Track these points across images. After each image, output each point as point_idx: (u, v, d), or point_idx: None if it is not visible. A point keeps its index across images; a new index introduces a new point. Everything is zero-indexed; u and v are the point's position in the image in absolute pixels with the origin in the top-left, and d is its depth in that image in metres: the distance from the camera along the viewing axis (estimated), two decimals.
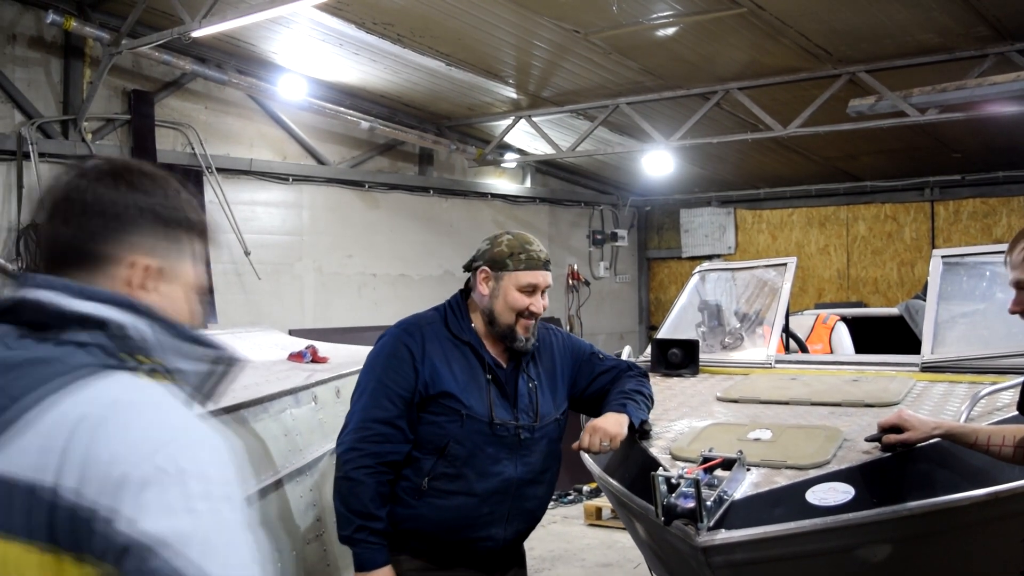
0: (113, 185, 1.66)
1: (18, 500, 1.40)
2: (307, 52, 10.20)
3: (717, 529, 3.05)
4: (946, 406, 4.18)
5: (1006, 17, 8.13)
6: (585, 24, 8.79)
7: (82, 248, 1.64)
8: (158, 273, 1.68)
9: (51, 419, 1.44)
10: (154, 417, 1.47)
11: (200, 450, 1.45)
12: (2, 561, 1.39)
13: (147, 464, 1.39)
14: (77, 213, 1.64)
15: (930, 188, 14.07)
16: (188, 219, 1.73)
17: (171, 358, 1.61)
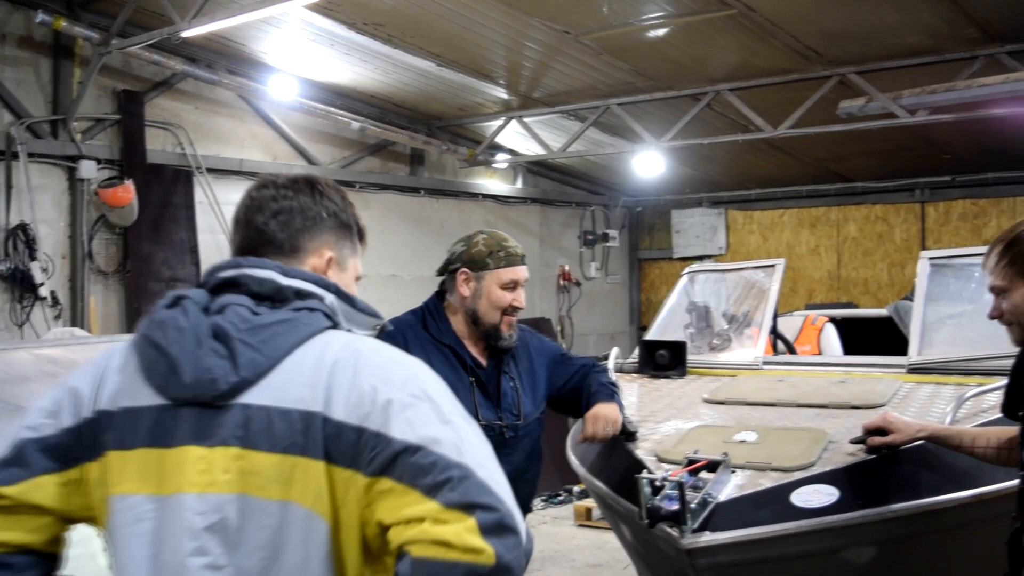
0: (311, 195, 2.15)
1: (291, 424, 1.84)
2: (298, 52, 10.19)
3: (702, 531, 3.05)
4: (932, 408, 4.20)
5: (995, 19, 8.15)
6: (576, 25, 8.79)
7: (288, 241, 2.10)
8: (336, 262, 2.16)
9: (302, 363, 1.89)
10: (392, 359, 1.94)
11: (433, 381, 1.92)
12: (282, 472, 1.84)
13: (403, 392, 1.84)
14: (285, 214, 2.10)
15: (920, 189, 14.09)
16: (356, 223, 2.26)
17: (346, 323, 2.04)
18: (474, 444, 1.85)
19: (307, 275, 2.05)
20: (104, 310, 9.94)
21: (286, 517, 1.84)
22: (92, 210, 9.75)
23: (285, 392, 1.87)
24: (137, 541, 1.87)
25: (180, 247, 10.31)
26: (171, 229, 10.25)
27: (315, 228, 2.13)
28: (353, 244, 2.24)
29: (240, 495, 1.84)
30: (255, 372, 1.88)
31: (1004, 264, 2.94)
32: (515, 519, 1.76)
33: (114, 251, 10.01)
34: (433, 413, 1.84)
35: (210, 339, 1.91)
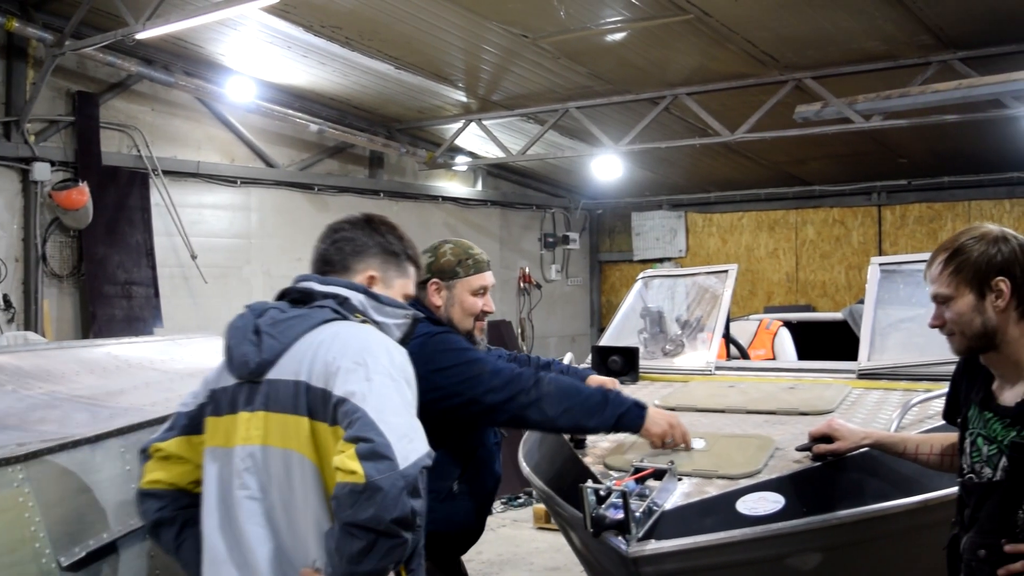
0: (363, 230, 2.93)
1: (290, 391, 2.57)
2: (255, 54, 10.14)
3: (647, 540, 3.05)
4: (879, 414, 4.22)
5: (948, 26, 8.23)
6: (533, 29, 8.80)
7: (340, 262, 2.88)
8: (380, 280, 2.91)
9: (304, 345, 2.61)
10: (353, 338, 2.61)
11: (376, 353, 2.55)
12: (282, 426, 2.57)
13: (347, 360, 2.51)
14: (340, 242, 2.89)
15: (877, 193, 14.22)
16: (402, 252, 2.98)
17: (376, 316, 2.78)
18: (382, 395, 2.46)
19: (340, 282, 2.81)
20: (59, 314, 9.85)
21: (288, 462, 2.57)
22: (46, 213, 9.68)
23: (288, 368, 2.60)
24: (210, 480, 2.69)
25: (136, 250, 10.23)
26: (127, 232, 10.17)
27: (362, 254, 2.89)
28: (400, 268, 2.97)
29: (263, 446, 2.60)
30: (273, 354, 2.62)
31: (949, 272, 2.95)
32: (391, 449, 2.34)
33: (68, 254, 9.93)
34: (362, 374, 2.49)
35: (251, 334, 2.67)
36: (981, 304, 2.90)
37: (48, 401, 3.99)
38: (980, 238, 2.93)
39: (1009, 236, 2.93)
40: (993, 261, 2.88)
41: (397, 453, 2.33)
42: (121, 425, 3.56)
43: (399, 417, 2.44)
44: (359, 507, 2.29)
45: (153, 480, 2.81)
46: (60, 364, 4.84)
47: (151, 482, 2.81)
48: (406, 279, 2.98)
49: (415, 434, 2.45)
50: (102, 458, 3.37)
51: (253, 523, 2.59)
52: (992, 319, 2.89)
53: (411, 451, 2.38)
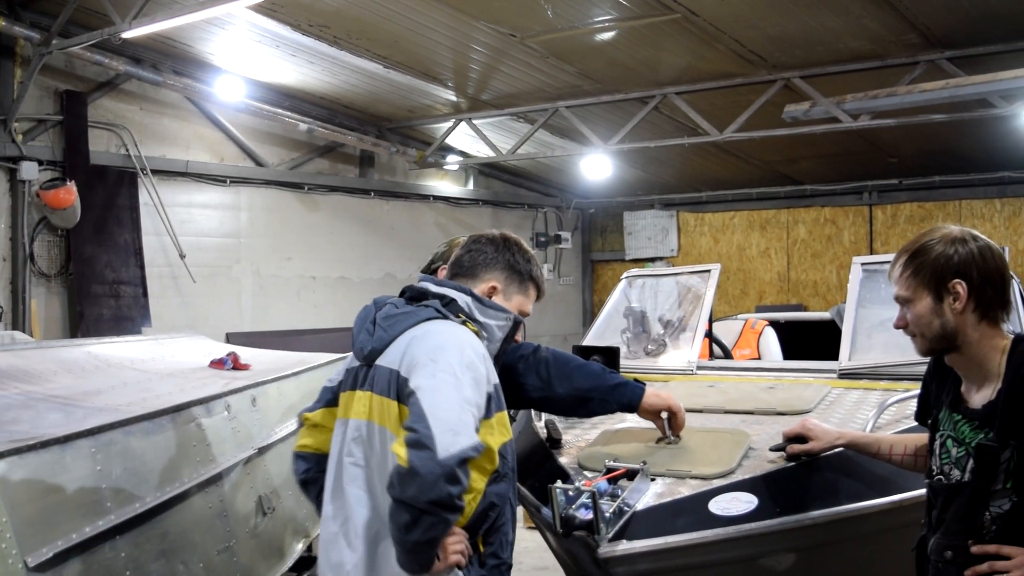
0: (495, 245, 3.27)
1: (387, 377, 2.94)
2: (244, 53, 10.12)
3: (618, 540, 3.04)
4: (857, 414, 4.21)
5: (935, 25, 8.22)
6: (521, 28, 8.79)
7: (470, 268, 3.24)
8: (500, 292, 3.23)
9: (405, 339, 2.97)
10: (437, 335, 2.94)
11: (449, 351, 2.87)
12: (379, 405, 2.96)
13: (423, 356, 2.86)
14: (474, 253, 3.26)
15: (868, 192, 14.23)
16: (527, 272, 3.28)
17: (479, 316, 3.11)
18: (439, 391, 2.78)
19: (451, 284, 3.17)
20: (46, 313, 9.83)
21: (384, 437, 2.93)
22: (34, 212, 9.65)
23: (391, 357, 2.96)
24: (333, 447, 3.10)
25: (124, 249, 10.21)
26: (115, 231, 10.15)
27: (490, 266, 3.23)
28: (522, 287, 3.28)
29: (367, 421, 2.99)
30: (382, 344, 3.01)
31: (908, 275, 2.94)
32: (433, 440, 2.64)
33: (56, 253, 9.91)
34: (430, 370, 2.82)
35: (368, 324, 3.08)
36: (939, 306, 2.89)
37: (23, 401, 3.99)
38: (940, 239, 2.92)
39: (968, 237, 2.92)
40: (950, 263, 2.87)
41: (438, 444, 2.62)
42: (92, 425, 3.55)
43: (450, 412, 2.73)
44: (403, 487, 2.64)
45: (303, 445, 3.27)
46: (39, 364, 4.83)
47: (301, 447, 3.27)
48: (524, 297, 3.29)
49: (462, 428, 2.72)
50: (72, 458, 3.36)
51: (355, 487, 3.00)
52: (950, 321, 2.88)
53: (453, 443, 2.64)
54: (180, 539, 3.80)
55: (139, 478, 3.66)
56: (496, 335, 3.14)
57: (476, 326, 3.08)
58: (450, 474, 2.63)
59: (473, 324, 3.08)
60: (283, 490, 4.78)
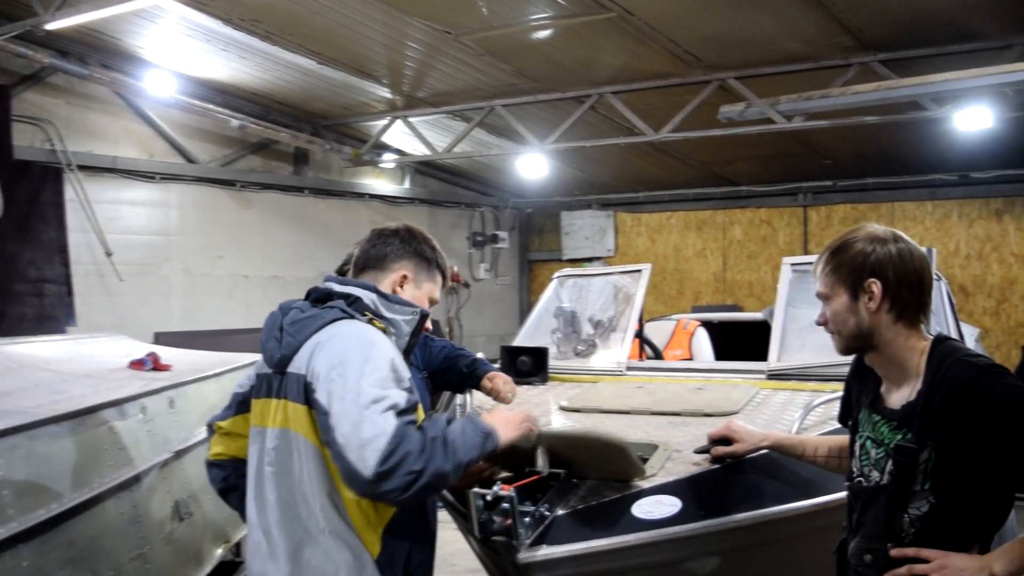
0: (399, 237, 3.26)
1: (296, 383, 2.93)
2: (175, 47, 9.92)
3: (538, 545, 2.97)
4: (784, 415, 4.19)
5: (868, 28, 8.26)
6: (456, 25, 8.70)
7: (380, 261, 3.23)
8: (411, 280, 3.25)
9: (311, 344, 2.94)
10: (341, 342, 2.90)
11: (352, 361, 2.83)
12: (294, 413, 2.94)
13: (331, 371, 2.83)
14: (380, 246, 3.24)
15: (803, 194, 14.33)
16: (434, 260, 3.32)
17: (385, 313, 3.11)
18: (348, 414, 2.74)
19: (356, 282, 3.16)
20: None
21: (299, 443, 2.95)
22: None
23: (299, 363, 2.95)
24: (251, 455, 3.08)
25: (48, 247, 9.96)
26: (39, 228, 9.89)
27: (399, 256, 3.23)
28: (430, 274, 3.31)
29: (283, 429, 2.98)
30: (291, 351, 2.98)
31: (828, 271, 2.93)
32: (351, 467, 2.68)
33: None
34: (339, 391, 2.79)
35: (276, 331, 3.06)
36: (855, 305, 2.88)
37: None
38: (862, 238, 2.91)
39: (890, 238, 2.90)
40: (867, 262, 2.86)
41: (356, 465, 2.67)
42: None
43: (354, 427, 2.72)
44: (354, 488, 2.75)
45: (216, 453, 3.27)
46: None
47: (215, 455, 3.26)
48: (433, 284, 3.34)
49: (375, 432, 2.69)
50: None
51: (276, 495, 2.99)
52: (865, 320, 2.86)
53: (368, 455, 2.66)
54: (89, 546, 3.67)
55: (45, 483, 3.53)
56: (403, 329, 3.16)
57: (383, 323, 3.08)
58: (381, 477, 2.65)
59: (380, 321, 3.08)
60: (202, 494, 4.66)
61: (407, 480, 2.67)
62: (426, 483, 2.71)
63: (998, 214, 13.06)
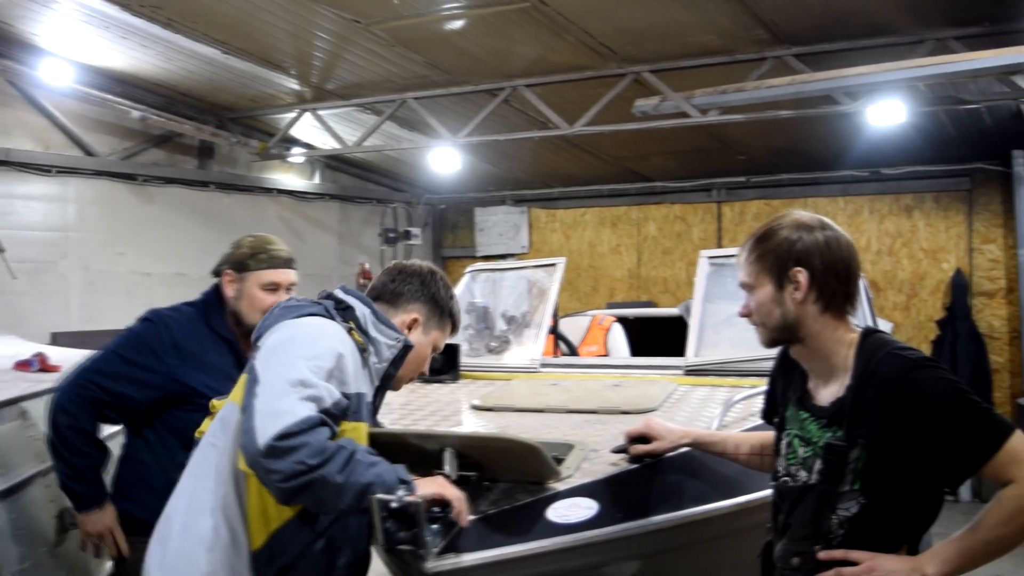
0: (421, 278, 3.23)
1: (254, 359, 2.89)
2: (72, 35, 9.49)
3: (447, 554, 2.79)
4: (703, 412, 4.07)
5: (782, 21, 8.22)
6: (365, 14, 8.45)
7: (394, 299, 3.20)
8: (420, 324, 3.20)
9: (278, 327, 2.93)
10: (299, 328, 2.90)
11: (297, 344, 2.82)
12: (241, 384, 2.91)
13: (275, 345, 2.84)
14: (398, 283, 3.20)
15: (717, 189, 14.33)
16: (447, 308, 3.28)
17: (372, 331, 3.04)
18: (273, 384, 2.69)
19: (358, 295, 3.12)
20: None
21: (233, 412, 2.91)
22: None
23: (264, 339, 2.93)
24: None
25: None
26: None
27: (415, 298, 3.20)
28: (441, 322, 3.27)
29: (232, 401, 2.97)
30: (264, 329, 2.98)
31: (752, 260, 2.79)
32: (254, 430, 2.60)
33: None
34: (273, 362, 2.76)
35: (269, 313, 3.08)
36: (780, 295, 2.74)
37: None
38: (787, 225, 2.77)
39: (816, 224, 2.77)
40: (792, 250, 2.72)
41: (256, 430, 2.58)
42: None
43: (273, 399, 2.65)
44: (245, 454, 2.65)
45: (202, 431, 3.16)
46: None
47: (200, 432, 3.15)
48: (441, 332, 3.28)
49: (287, 407, 2.61)
50: None
51: (198, 464, 2.98)
52: (791, 311, 2.73)
53: (269, 426, 2.57)
54: None
55: None
56: (384, 354, 3.06)
57: (364, 339, 3.02)
58: (273, 451, 2.55)
59: (360, 335, 3.01)
60: None
61: (294, 468, 2.56)
62: (310, 482, 2.59)
63: (908, 210, 13.20)
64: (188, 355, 3.77)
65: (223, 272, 3.95)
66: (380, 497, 2.71)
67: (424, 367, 3.33)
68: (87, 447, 3.67)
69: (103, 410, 3.71)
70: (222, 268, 3.97)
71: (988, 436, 2.50)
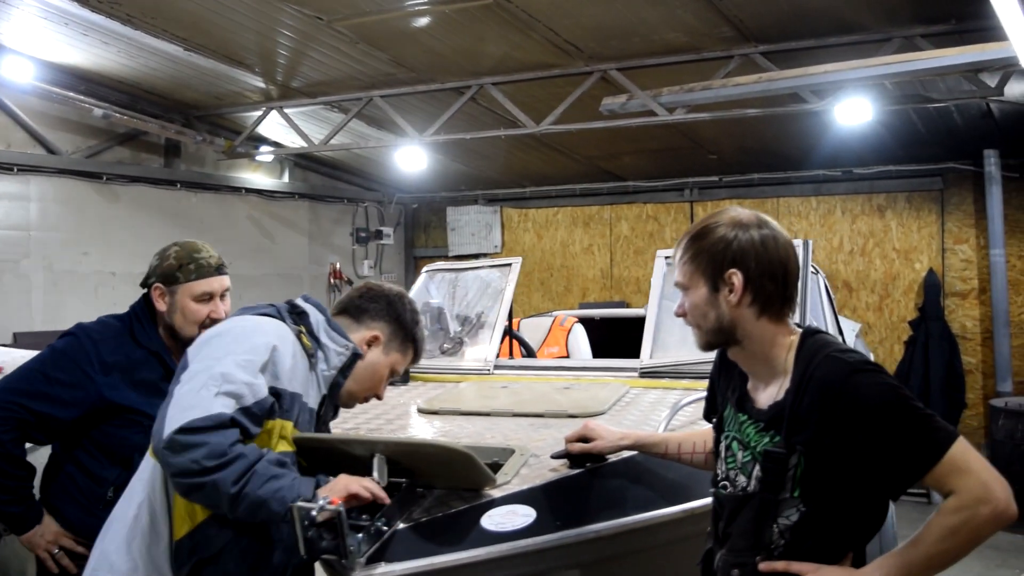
0: (393, 301, 3.27)
1: None
2: (32, 32, 9.33)
3: (375, 563, 2.69)
4: (652, 415, 3.98)
5: (748, 18, 8.14)
6: (327, 10, 8.33)
7: (357, 312, 3.21)
8: (381, 343, 3.19)
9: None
10: (234, 324, 2.94)
11: (228, 336, 2.86)
12: None
13: (213, 333, 2.93)
14: (367, 301, 3.23)
15: (689, 189, 14.26)
16: (411, 334, 3.26)
17: (322, 336, 3.02)
18: (196, 376, 2.71)
19: (314, 301, 3.14)
20: None
21: None
22: None
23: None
24: None
25: None
26: None
27: (379, 316, 3.20)
28: (403, 345, 3.24)
29: None
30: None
31: (687, 260, 2.69)
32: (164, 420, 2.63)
33: None
34: (201, 354, 2.80)
35: None
36: (714, 297, 2.64)
37: None
38: (724, 223, 2.67)
39: (753, 222, 2.67)
40: (728, 251, 2.61)
41: (165, 420, 2.60)
42: None
43: (190, 391, 2.67)
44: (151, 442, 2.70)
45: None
46: None
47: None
48: (402, 356, 3.24)
49: (197, 402, 2.63)
50: None
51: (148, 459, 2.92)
52: (726, 314, 2.63)
53: (176, 418, 2.58)
54: None
55: None
56: (332, 360, 3.04)
57: (313, 344, 3.01)
58: (173, 445, 2.56)
59: (310, 340, 3.01)
60: None
61: (187, 467, 2.56)
62: (202, 484, 2.59)
63: (880, 210, 13.16)
64: (115, 371, 3.60)
65: (152, 286, 3.80)
66: (300, 505, 2.61)
67: (380, 389, 3.26)
68: (18, 469, 3.53)
69: (29, 431, 3.53)
70: (150, 282, 3.82)
71: (929, 445, 2.39)
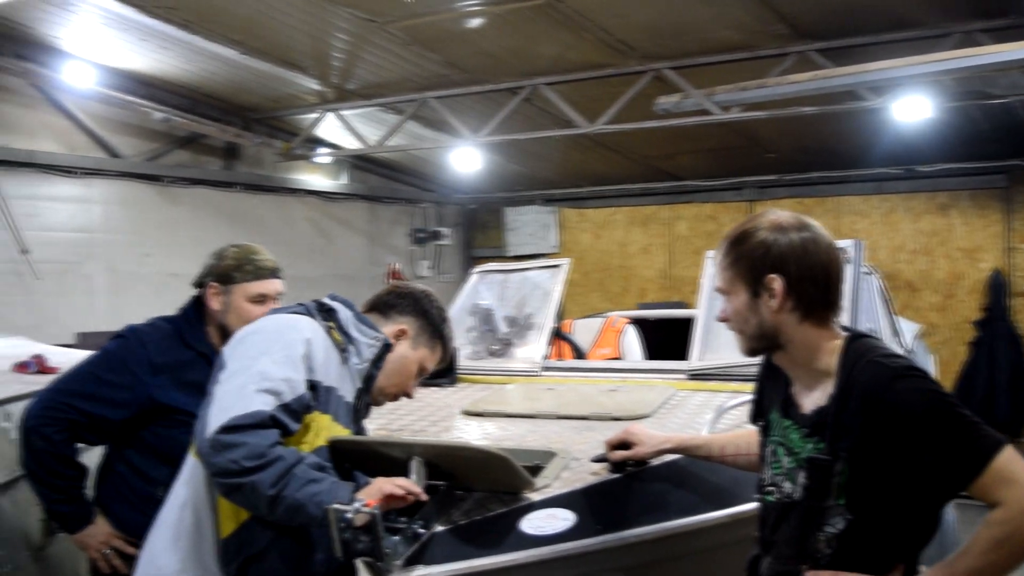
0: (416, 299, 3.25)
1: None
2: (93, 37, 9.50)
3: (412, 566, 2.69)
4: (698, 418, 3.93)
5: (802, 15, 8.07)
6: (380, 13, 8.39)
7: (386, 307, 3.22)
8: (409, 337, 3.19)
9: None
10: (267, 323, 2.99)
11: (261, 335, 2.90)
12: None
13: (240, 336, 2.95)
14: (396, 297, 3.25)
15: (748, 188, 14.15)
16: (440, 332, 3.25)
17: (352, 331, 3.07)
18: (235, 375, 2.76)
19: (340, 299, 3.16)
20: None
21: None
22: None
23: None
24: None
25: None
26: None
27: (407, 312, 3.21)
28: (431, 341, 3.23)
29: None
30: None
31: (727, 265, 2.63)
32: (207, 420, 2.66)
33: None
34: (236, 353, 2.85)
35: None
36: (755, 303, 2.55)
37: None
38: (764, 226, 2.58)
39: (793, 225, 2.58)
40: (768, 255, 2.53)
41: (210, 423, 2.62)
42: None
43: (233, 391, 2.70)
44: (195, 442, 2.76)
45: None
46: None
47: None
48: (430, 352, 3.24)
49: (238, 400, 2.66)
50: None
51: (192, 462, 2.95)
52: (768, 320, 2.55)
53: (218, 417, 2.61)
54: None
55: None
56: (364, 353, 3.07)
57: (344, 338, 3.04)
58: (215, 444, 2.58)
59: (340, 335, 3.04)
60: None
61: (227, 467, 2.58)
62: (240, 485, 2.60)
63: (943, 208, 12.96)
64: (164, 372, 3.63)
65: (207, 284, 3.80)
66: (336, 508, 2.62)
67: (410, 386, 3.25)
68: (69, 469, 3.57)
69: (80, 432, 3.57)
70: (206, 280, 3.82)
71: (973, 453, 2.30)
